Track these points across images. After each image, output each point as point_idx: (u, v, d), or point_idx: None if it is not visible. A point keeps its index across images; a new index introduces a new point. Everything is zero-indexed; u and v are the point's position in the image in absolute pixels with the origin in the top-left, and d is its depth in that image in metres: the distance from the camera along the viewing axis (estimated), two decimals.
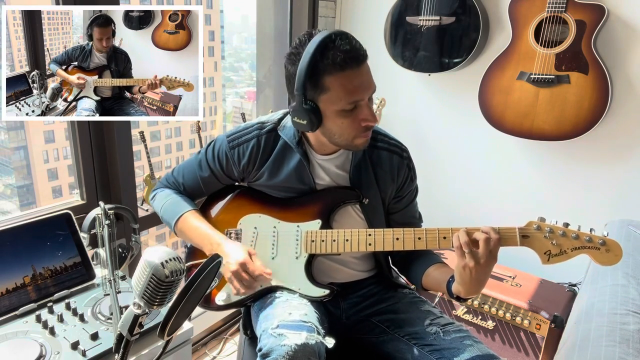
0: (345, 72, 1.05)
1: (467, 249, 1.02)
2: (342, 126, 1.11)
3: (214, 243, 1.22)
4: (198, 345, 2.18)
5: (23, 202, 5.67)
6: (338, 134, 1.14)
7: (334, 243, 1.21)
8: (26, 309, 1.19)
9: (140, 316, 0.81)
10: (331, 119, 1.11)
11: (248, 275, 1.15)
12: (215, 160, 1.30)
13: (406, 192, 1.33)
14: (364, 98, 1.09)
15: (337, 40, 1.04)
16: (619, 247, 1.03)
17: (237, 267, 1.15)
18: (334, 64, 1.03)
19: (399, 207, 1.33)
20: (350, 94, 1.07)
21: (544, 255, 1.08)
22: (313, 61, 1.04)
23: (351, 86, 1.06)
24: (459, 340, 1.14)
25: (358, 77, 1.07)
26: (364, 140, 1.16)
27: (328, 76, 1.05)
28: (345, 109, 1.08)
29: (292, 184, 1.25)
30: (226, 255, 1.18)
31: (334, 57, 1.03)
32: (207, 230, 1.25)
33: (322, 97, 1.08)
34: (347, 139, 1.14)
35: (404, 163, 1.30)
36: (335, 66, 1.04)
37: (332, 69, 1.04)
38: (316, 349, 1.03)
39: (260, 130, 1.26)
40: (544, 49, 1.86)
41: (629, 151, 1.94)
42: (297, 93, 1.08)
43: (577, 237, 1.05)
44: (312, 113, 1.09)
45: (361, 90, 1.08)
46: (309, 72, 1.05)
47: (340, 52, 1.03)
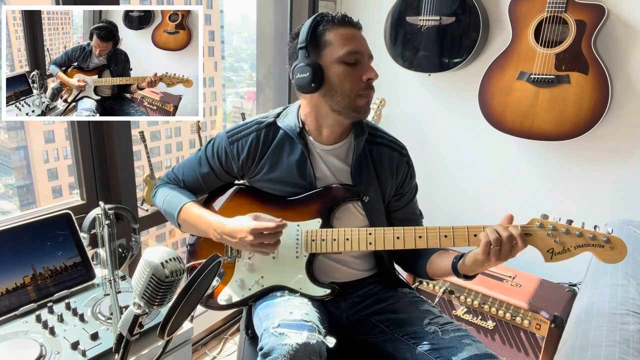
0: (344, 27, 1.17)
1: (496, 244, 1.05)
2: (344, 80, 1.16)
3: (217, 227, 1.21)
4: (198, 345, 2.18)
5: (23, 202, 5.66)
6: (340, 91, 1.17)
7: (334, 242, 1.21)
8: (26, 309, 1.19)
9: (140, 316, 0.81)
10: (333, 71, 1.16)
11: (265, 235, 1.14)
12: (214, 156, 1.30)
13: (406, 189, 1.33)
14: (363, 52, 1.17)
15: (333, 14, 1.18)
16: (623, 244, 1.02)
17: (252, 236, 1.13)
18: (333, 21, 1.16)
19: (399, 205, 1.34)
20: (350, 43, 1.15)
21: (547, 253, 1.07)
22: (313, 24, 1.16)
23: (350, 37, 1.17)
24: (458, 339, 1.14)
25: (356, 35, 1.18)
26: (365, 101, 1.19)
27: (328, 32, 1.16)
28: (345, 60, 1.15)
29: (292, 179, 1.25)
30: (235, 232, 1.17)
31: (332, 18, 1.17)
32: (208, 216, 1.25)
33: (324, 52, 1.16)
34: (348, 96, 1.17)
35: (403, 160, 1.31)
36: (334, 23, 1.17)
37: (331, 25, 1.16)
38: (317, 348, 1.03)
39: (259, 125, 1.27)
40: (544, 49, 1.86)
41: (629, 151, 1.94)
42: (301, 47, 1.16)
43: (580, 235, 1.04)
44: (315, 67, 1.15)
45: (360, 44, 1.17)
46: (310, 31, 1.15)
47: (337, 15, 1.18)
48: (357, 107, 1.18)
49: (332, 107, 1.19)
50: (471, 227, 1.11)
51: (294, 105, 1.30)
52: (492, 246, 1.05)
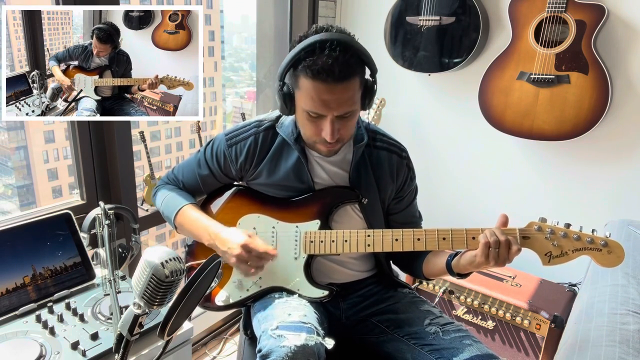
0: (316, 83, 1.05)
1: (494, 246, 1.05)
2: (305, 127, 1.16)
3: (212, 233, 1.21)
4: (198, 345, 2.18)
5: (23, 202, 5.66)
6: (302, 131, 1.18)
7: (332, 244, 1.21)
8: (26, 309, 1.19)
9: (140, 316, 0.81)
10: (299, 113, 1.15)
11: (252, 255, 1.14)
12: (213, 158, 1.30)
13: (406, 192, 1.33)
14: (326, 114, 1.09)
15: (328, 50, 1.03)
16: (621, 248, 1.02)
17: (240, 250, 1.13)
18: (309, 68, 1.04)
19: (399, 208, 1.33)
20: (314, 103, 1.08)
21: (545, 256, 1.07)
22: (297, 57, 1.06)
23: (317, 98, 1.07)
24: (459, 339, 1.14)
25: (327, 94, 1.06)
26: (326, 150, 1.18)
27: (302, 77, 1.07)
28: (310, 113, 1.11)
29: (291, 183, 1.25)
30: (226, 242, 1.17)
31: (313, 63, 1.03)
32: (204, 221, 1.24)
33: (296, 91, 1.12)
34: (308, 139, 1.18)
35: (403, 163, 1.30)
36: (310, 71, 1.04)
37: (307, 72, 1.05)
38: (316, 350, 1.03)
39: (257, 128, 1.27)
40: (544, 49, 1.86)
41: (629, 151, 1.94)
42: (279, 76, 1.12)
43: (578, 239, 1.04)
44: (287, 97, 1.13)
45: (326, 106, 1.08)
46: (292, 62, 1.08)
47: (322, 62, 1.02)
48: (318, 150, 1.20)
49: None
50: (469, 229, 1.11)
51: None
52: (491, 248, 1.05)
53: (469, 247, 1.12)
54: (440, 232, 1.13)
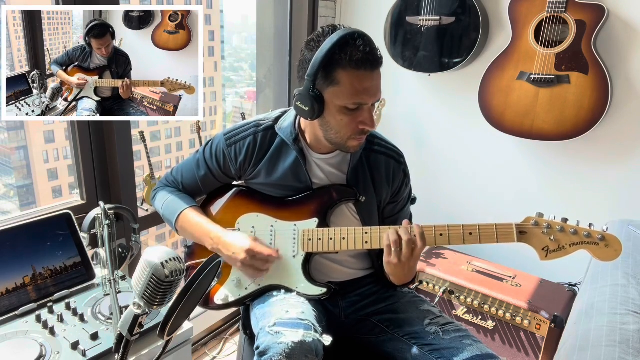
0: (359, 72, 1.07)
1: (394, 247, 1.09)
2: (341, 123, 1.13)
3: (214, 237, 1.22)
4: (198, 345, 2.18)
5: (23, 202, 5.66)
6: (335, 130, 1.15)
7: (330, 241, 1.21)
8: (26, 309, 1.19)
9: (140, 316, 0.81)
10: (332, 112, 1.12)
11: (257, 259, 1.17)
12: (212, 158, 1.30)
13: (401, 197, 1.34)
14: (368, 102, 1.11)
15: (359, 40, 1.06)
16: (618, 242, 1.02)
17: (245, 255, 1.16)
18: (350, 60, 1.05)
19: (393, 212, 1.35)
20: (358, 94, 1.09)
21: (542, 251, 1.07)
22: (331, 52, 1.05)
23: (360, 87, 1.08)
24: (459, 339, 1.14)
25: (369, 81, 1.09)
26: (357, 144, 1.17)
27: (342, 71, 1.07)
28: (348, 106, 1.10)
29: (289, 182, 1.25)
30: (230, 246, 1.19)
31: (352, 54, 1.05)
32: (207, 225, 1.25)
33: (330, 89, 1.10)
34: (342, 137, 1.15)
35: (400, 168, 1.31)
36: (351, 63, 1.06)
37: (347, 64, 1.06)
38: (313, 346, 1.03)
39: (257, 128, 1.27)
40: (544, 49, 1.86)
41: (629, 151, 1.94)
42: (308, 79, 1.09)
43: (575, 233, 1.04)
44: (316, 101, 1.10)
45: (368, 94, 1.10)
46: (324, 61, 1.06)
47: (359, 51, 1.05)
48: (347, 147, 1.19)
49: (325, 137, 1.19)
50: (467, 225, 1.12)
51: (293, 111, 1.28)
52: (393, 249, 1.09)
53: (466, 243, 1.12)
54: (438, 228, 1.13)
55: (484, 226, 1.10)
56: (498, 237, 1.09)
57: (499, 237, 1.09)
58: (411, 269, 1.14)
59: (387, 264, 1.13)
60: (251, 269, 1.18)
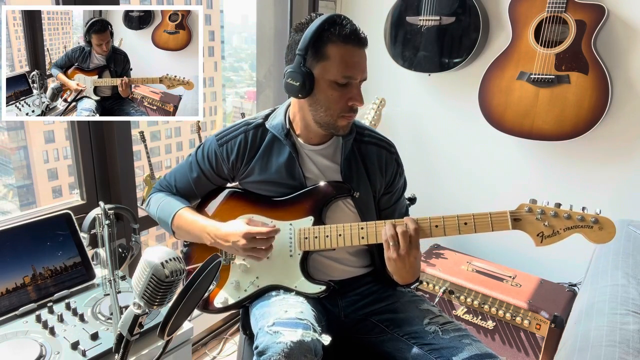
0: (347, 46, 1.12)
1: (392, 241, 1.10)
2: (331, 99, 1.15)
3: (211, 231, 1.23)
4: (198, 345, 2.18)
5: (23, 202, 5.67)
6: (325, 107, 1.16)
7: (327, 239, 1.21)
8: (26, 309, 1.19)
9: (140, 316, 0.81)
10: (323, 88, 1.15)
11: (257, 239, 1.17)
12: (205, 159, 1.31)
13: (396, 187, 1.35)
14: (357, 77, 1.15)
15: (345, 20, 1.14)
16: (611, 224, 1.02)
17: (245, 240, 1.16)
18: (339, 35, 1.11)
19: (389, 204, 1.35)
20: (347, 67, 1.13)
21: (537, 237, 1.08)
22: (320, 29, 1.11)
23: (350, 60, 1.13)
24: (458, 339, 1.15)
25: (357, 56, 1.14)
26: (346, 123, 1.19)
27: (331, 45, 1.12)
28: (338, 81, 1.13)
29: (283, 179, 1.26)
30: (228, 235, 1.19)
31: (340, 30, 1.12)
32: (202, 221, 1.26)
33: (320, 65, 1.13)
34: (331, 115, 1.17)
35: (392, 158, 1.32)
36: (340, 37, 1.11)
37: (336, 39, 1.11)
38: (312, 346, 1.03)
39: (247, 127, 1.29)
40: (544, 49, 1.86)
41: (629, 151, 1.94)
42: (299, 54, 1.13)
43: (569, 217, 1.04)
44: (306, 77, 1.13)
45: (358, 68, 1.14)
46: (314, 37, 1.11)
47: (347, 28, 1.12)
48: (336, 127, 1.20)
49: (314, 118, 1.20)
50: (461, 215, 1.13)
51: (283, 105, 1.31)
52: (391, 243, 1.10)
53: (462, 233, 1.14)
54: (433, 219, 1.14)
55: (479, 215, 1.11)
56: (493, 225, 1.10)
57: (493, 226, 1.09)
58: (412, 265, 1.13)
59: (388, 260, 1.14)
60: (254, 252, 1.18)
